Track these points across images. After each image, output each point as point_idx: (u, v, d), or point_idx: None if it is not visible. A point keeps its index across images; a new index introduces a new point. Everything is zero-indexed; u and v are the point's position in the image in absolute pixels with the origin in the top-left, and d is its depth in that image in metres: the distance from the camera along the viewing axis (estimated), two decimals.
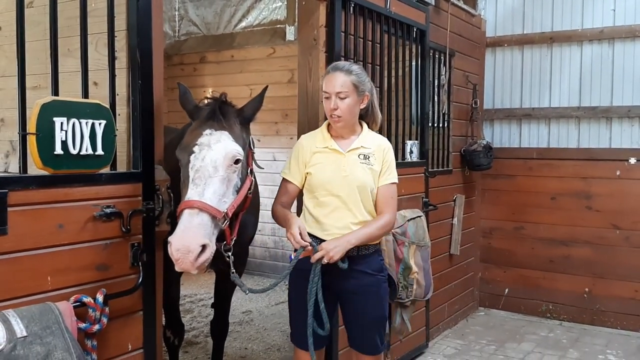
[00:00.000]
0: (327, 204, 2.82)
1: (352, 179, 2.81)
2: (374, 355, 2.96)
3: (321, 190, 2.83)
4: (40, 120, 2.09)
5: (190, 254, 2.22)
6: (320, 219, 2.83)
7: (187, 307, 5.87)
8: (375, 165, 2.88)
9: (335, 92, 2.77)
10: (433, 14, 4.93)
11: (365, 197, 2.84)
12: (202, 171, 2.41)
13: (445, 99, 5.20)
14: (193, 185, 2.39)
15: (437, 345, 5.05)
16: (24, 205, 2.06)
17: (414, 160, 4.56)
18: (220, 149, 2.45)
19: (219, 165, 2.43)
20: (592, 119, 5.64)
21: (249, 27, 6.80)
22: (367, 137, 2.94)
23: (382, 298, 2.94)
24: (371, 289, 2.87)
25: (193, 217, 2.30)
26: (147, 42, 2.52)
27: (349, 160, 2.84)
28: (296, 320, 2.90)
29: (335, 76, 2.80)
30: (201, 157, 2.43)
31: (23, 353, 1.85)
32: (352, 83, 2.80)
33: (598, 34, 5.56)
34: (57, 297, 2.14)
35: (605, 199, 5.55)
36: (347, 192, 2.81)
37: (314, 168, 2.85)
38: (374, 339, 2.93)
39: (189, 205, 2.33)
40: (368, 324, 2.89)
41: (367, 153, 2.88)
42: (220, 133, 2.51)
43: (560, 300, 5.78)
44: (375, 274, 2.90)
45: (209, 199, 2.36)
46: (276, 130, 7.00)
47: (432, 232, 4.51)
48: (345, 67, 2.86)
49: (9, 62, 2.95)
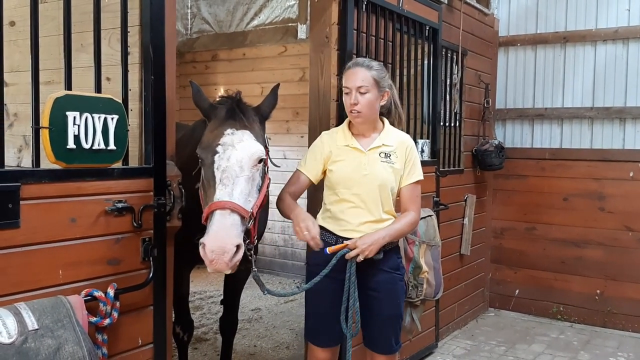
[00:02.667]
0: (346, 201, 2.82)
1: (372, 178, 2.80)
2: (388, 355, 2.94)
3: (341, 187, 2.83)
4: (53, 115, 2.10)
5: (226, 254, 2.24)
6: (338, 215, 2.83)
7: (197, 304, 5.89)
8: (397, 163, 2.87)
9: (356, 86, 2.77)
10: (446, 12, 4.91)
11: (385, 196, 2.83)
12: (228, 171, 2.42)
13: (457, 98, 5.17)
14: (222, 186, 2.39)
15: (447, 345, 5.03)
16: (36, 199, 2.07)
17: (425, 159, 4.54)
18: (244, 149, 2.47)
19: (245, 165, 2.44)
20: (606, 119, 5.59)
21: (261, 25, 6.81)
22: (389, 134, 2.92)
23: (398, 296, 2.92)
24: (387, 286, 2.86)
25: (225, 217, 2.31)
26: (159, 37, 2.53)
27: (369, 159, 2.83)
28: (315, 317, 2.88)
29: (356, 71, 2.80)
30: (226, 157, 2.44)
31: (34, 346, 1.86)
32: (373, 78, 2.80)
33: (612, 34, 5.51)
34: (68, 290, 2.15)
35: (618, 200, 5.50)
36: (366, 190, 2.80)
37: (335, 165, 2.85)
38: (389, 338, 2.91)
39: (220, 206, 2.34)
40: (383, 323, 2.87)
41: (388, 151, 2.86)
42: (242, 132, 2.52)
43: (572, 302, 5.73)
44: (392, 272, 2.88)
45: (237, 198, 2.37)
46: (287, 129, 7.00)
47: (442, 232, 4.49)
48: (365, 63, 2.87)
49: (22, 57, 2.96)
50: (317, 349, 2.92)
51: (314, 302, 2.90)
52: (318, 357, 2.94)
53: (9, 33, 2.99)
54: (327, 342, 2.92)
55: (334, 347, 2.96)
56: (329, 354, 2.94)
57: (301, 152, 6.24)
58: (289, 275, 7.16)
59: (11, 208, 1.99)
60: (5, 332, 1.81)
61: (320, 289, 2.81)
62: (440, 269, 4.07)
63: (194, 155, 2.99)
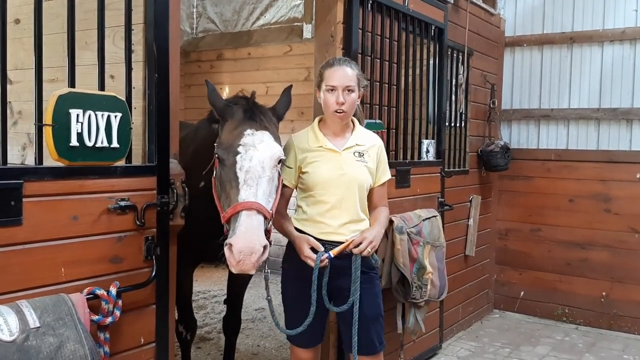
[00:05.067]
0: (324, 203, 2.80)
1: (350, 178, 2.80)
2: (372, 356, 2.89)
3: (318, 189, 2.80)
4: (57, 112, 2.09)
5: (254, 255, 2.25)
6: (316, 217, 2.82)
7: (201, 303, 5.89)
8: (370, 162, 2.89)
9: (344, 85, 2.75)
10: (452, 12, 4.89)
11: (362, 195, 2.86)
12: (252, 172, 2.42)
13: (462, 98, 5.15)
14: (246, 187, 2.40)
15: (451, 346, 5.01)
16: (39, 196, 2.07)
17: (430, 159, 4.52)
18: (265, 149, 2.48)
19: (266, 165, 2.46)
20: (612, 120, 5.56)
21: (266, 25, 6.81)
22: (361, 134, 2.93)
23: (376, 295, 2.92)
24: (365, 286, 2.83)
25: (252, 218, 2.32)
26: (164, 36, 2.52)
27: (345, 159, 2.83)
28: (295, 319, 2.85)
29: (343, 69, 2.79)
30: (248, 157, 2.45)
31: (36, 344, 1.85)
32: (357, 77, 2.81)
33: (619, 35, 5.48)
34: (70, 288, 2.14)
35: (624, 202, 5.46)
36: (343, 190, 2.79)
37: (310, 167, 2.82)
38: (371, 338, 2.87)
39: (247, 206, 2.34)
40: (366, 324, 2.83)
41: (361, 150, 2.88)
42: (262, 133, 2.54)
43: (577, 304, 5.70)
44: (369, 272, 2.88)
45: (261, 199, 2.39)
46: (292, 129, 6.97)
47: (447, 233, 4.47)
48: (347, 61, 2.86)
49: (27, 54, 2.96)
50: (300, 350, 2.96)
51: (292, 305, 2.91)
52: (301, 357, 2.97)
53: (14, 31, 3.00)
54: (309, 343, 2.95)
55: (316, 346, 2.99)
56: (311, 354, 2.98)
57: None
58: None
59: (14, 205, 1.98)
60: (7, 330, 1.81)
61: (298, 293, 2.83)
62: (445, 270, 4.06)
63: (197, 154, 3.00)
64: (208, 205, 2.67)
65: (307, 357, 2.97)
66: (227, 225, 2.46)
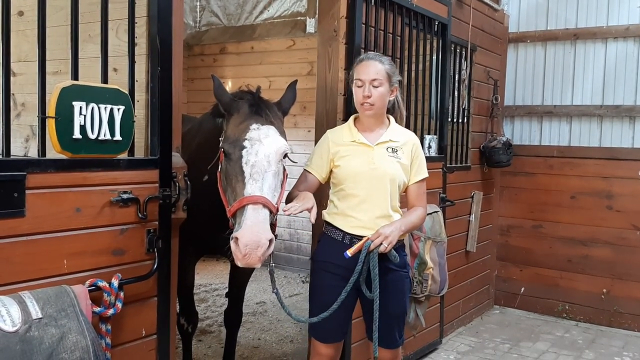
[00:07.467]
0: (354, 196, 2.80)
1: (381, 172, 2.79)
2: (391, 349, 2.93)
3: (348, 182, 2.81)
4: (60, 104, 2.10)
5: (260, 248, 2.26)
6: (346, 211, 2.81)
7: (202, 297, 5.91)
8: (403, 159, 2.86)
9: (370, 79, 2.76)
10: (455, 7, 4.87)
11: (393, 190, 2.83)
12: (258, 166, 2.43)
13: (465, 94, 5.14)
14: (252, 181, 2.40)
15: (451, 342, 5.02)
16: (42, 188, 2.08)
17: (433, 155, 4.52)
18: (271, 144, 2.49)
19: (272, 159, 2.47)
20: (615, 117, 5.55)
21: (270, 19, 6.81)
22: (395, 130, 2.92)
23: (404, 294, 2.92)
24: (394, 284, 2.84)
25: (258, 212, 2.33)
26: (167, 29, 2.52)
27: (377, 153, 2.82)
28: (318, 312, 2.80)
29: (370, 64, 2.81)
30: (254, 151, 2.45)
31: (38, 334, 1.87)
32: (386, 72, 2.81)
33: (623, 32, 5.46)
34: (72, 280, 2.16)
35: (626, 199, 5.46)
36: (375, 185, 2.78)
37: (342, 161, 2.83)
38: (393, 333, 2.90)
39: (253, 200, 2.35)
40: (388, 319, 2.85)
41: (395, 147, 2.86)
42: (267, 128, 2.55)
43: (578, 301, 5.71)
44: (399, 270, 2.86)
45: (267, 193, 2.40)
46: (294, 123, 6.99)
47: (448, 228, 4.48)
48: (377, 57, 2.88)
49: (31, 47, 2.97)
50: (321, 345, 2.91)
51: (318, 298, 2.89)
52: (321, 352, 2.92)
53: (18, 23, 3.01)
54: (331, 338, 2.91)
55: (337, 342, 2.94)
56: (332, 350, 2.93)
57: (308, 147, 6.23)
58: (294, 270, 7.16)
59: (17, 197, 1.99)
60: (10, 321, 1.82)
61: (324, 285, 2.82)
62: (446, 265, 4.06)
63: (201, 147, 3.01)
64: (211, 199, 2.68)
65: (327, 353, 2.91)
66: (232, 219, 2.46)
